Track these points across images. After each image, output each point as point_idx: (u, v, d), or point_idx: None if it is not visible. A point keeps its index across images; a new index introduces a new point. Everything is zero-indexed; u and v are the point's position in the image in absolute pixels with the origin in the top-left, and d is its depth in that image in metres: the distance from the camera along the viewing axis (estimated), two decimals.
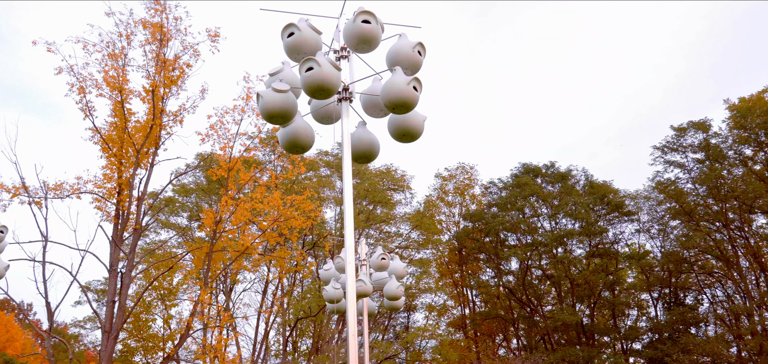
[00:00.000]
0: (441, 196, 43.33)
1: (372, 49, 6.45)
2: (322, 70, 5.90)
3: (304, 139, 6.71)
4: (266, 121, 6.34)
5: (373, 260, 12.20)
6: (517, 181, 41.49)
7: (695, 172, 38.77)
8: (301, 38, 6.26)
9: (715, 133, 37.73)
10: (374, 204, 39.18)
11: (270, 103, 6.18)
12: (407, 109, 6.18)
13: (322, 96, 6.09)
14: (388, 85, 6.17)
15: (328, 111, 6.96)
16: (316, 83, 5.92)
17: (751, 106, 35.91)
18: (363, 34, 6.24)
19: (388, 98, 6.13)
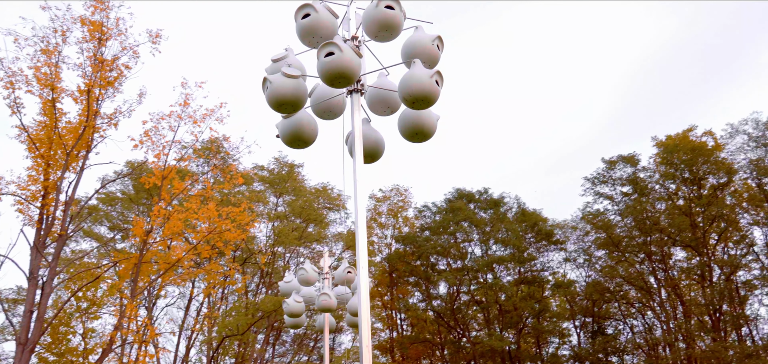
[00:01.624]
0: (374, 217, 43.03)
1: (393, 37, 6.06)
2: (344, 55, 5.46)
3: (308, 132, 6.24)
4: (274, 109, 5.84)
5: (339, 273, 11.71)
6: (451, 205, 41.66)
7: (622, 205, 39.92)
8: (317, 21, 5.81)
9: (643, 167, 39.02)
10: (307, 222, 38.49)
11: (280, 90, 5.69)
12: (428, 104, 5.81)
13: (341, 84, 5.65)
14: (409, 78, 5.78)
15: (330, 105, 6.52)
16: (336, 70, 5.47)
17: (677, 144, 37.31)
18: (386, 20, 5.85)
19: (409, 92, 5.74)
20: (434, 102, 5.81)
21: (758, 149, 37.43)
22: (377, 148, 6.46)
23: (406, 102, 5.85)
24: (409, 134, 6.30)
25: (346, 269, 11.65)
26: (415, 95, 5.72)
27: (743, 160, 37.77)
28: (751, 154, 37.75)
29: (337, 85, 5.66)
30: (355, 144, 5.96)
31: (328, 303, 11.00)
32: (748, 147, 38.03)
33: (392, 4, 5.85)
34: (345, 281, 11.68)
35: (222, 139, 27.34)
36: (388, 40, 6.10)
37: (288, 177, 37.83)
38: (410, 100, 5.78)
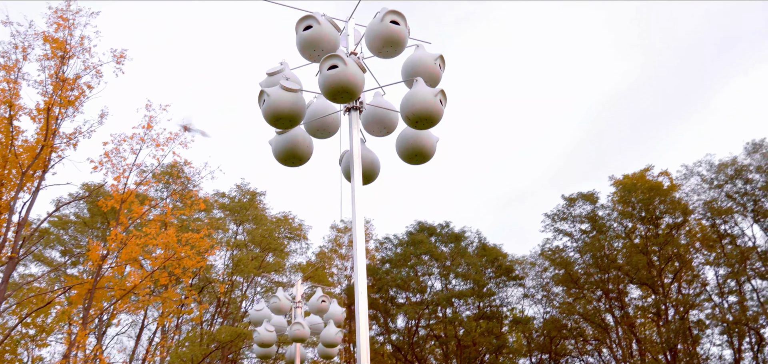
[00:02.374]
0: (334, 248, 42.62)
1: (397, 53, 5.87)
2: (348, 69, 5.25)
3: (303, 150, 6.00)
4: (270, 124, 5.57)
5: (313, 301, 11.37)
6: (412, 238, 41.55)
7: (581, 242, 40.35)
8: (320, 33, 5.59)
9: (602, 205, 39.59)
10: (267, 251, 37.86)
11: (278, 104, 5.44)
12: (431, 123, 5.62)
13: (344, 99, 5.42)
14: (412, 96, 5.59)
15: (324, 123, 6.29)
16: (340, 84, 5.25)
17: (635, 183, 37.97)
18: (391, 35, 5.66)
19: (413, 110, 5.55)
20: (438, 122, 5.63)
21: (712, 191, 38.33)
22: (373, 170, 6.24)
23: (408, 121, 5.66)
24: (408, 156, 6.10)
25: (320, 298, 11.33)
26: (419, 114, 5.53)
27: (698, 201, 38.63)
28: (704, 195, 38.64)
29: (339, 100, 5.44)
30: (353, 164, 5.73)
31: (301, 333, 10.65)
32: (701, 189, 38.95)
33: (397, 19, 5.68)
34: (319, 310, 11.35)
35: (183, 164, 26.77)
36: (392, 57, 5.91)
37: (249, 205, 37.25)
38: (413, 119, 5.59)
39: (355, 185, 5.67)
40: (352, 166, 5.75)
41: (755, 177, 36.61)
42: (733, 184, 37.01)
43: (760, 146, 37.23)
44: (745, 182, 36.75)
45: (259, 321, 11.50)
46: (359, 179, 5.70)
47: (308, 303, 11.50)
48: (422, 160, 6.10)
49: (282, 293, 11.51)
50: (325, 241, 42.71)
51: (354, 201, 5.64)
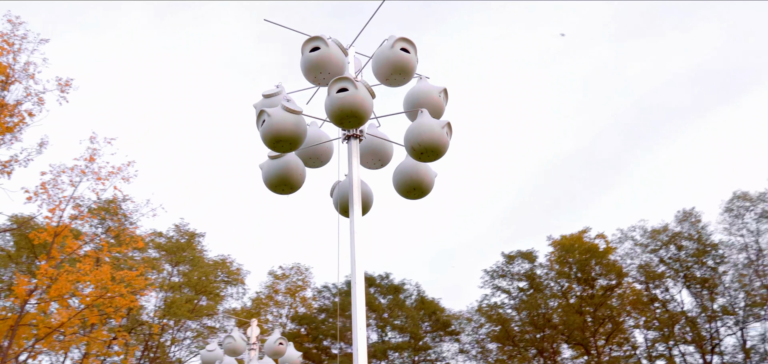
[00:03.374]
0: (271, 294, 41.70)
1: (405, 82, 5.71)
2: (358, 93, 5.04)
3: (297, 177, 5.71)
4: (269, 146, 5.28)
5: (269, 343, 10.88)
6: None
7: (518, 300, 40.71)
8: (327, 56, 5.38)
9: (540, 264, 40.14)
10: (200, 294, 36.71)
11: (280, 125, 5.16)
12: (437, 156, 5.44)
13: (351, 125, 5.20)
14: (418, 127, 5.41)
15: (317, 151, 6.04)
16: (349, 108, 5.03)
17: (572, 244, 38.70)
18: (401, 63, 5.49)
19: (419, 141, 5.35)
20: (443, 154, 5.46)
21: (645, 255, 39.43)
22: (366, 203, 5.98)
23: (413, 152, 5.46)
24: (406, 189, 5.87)
25: (277, 340, 10.86)
26: (425, 145, 5.34)
27: (631, 265, 39.63)
28: (637, 259, 39.70)
29: (346, 125, 5.21)
30: (353, 195, 5.48)
31: None
32: (634, 253, 40.02)
33: (408, 47, 5.52)
34: (275, 353, 10.87)
35: (122, 200, 25.84)
36: (400, 85, 5.73)
37: (187, 246, 36.15)
38: (418, 150, 5.39)
39: (355, 217, 5.42)
40: (351, 197, 5.51)
41: (687, 244, 37.84)
42: (667, 249, 38.14)
43: (690, 215, 38.62)
44: (677, 249, 37.93)
45: (210, 362, 10.94)
46: (359, 211, 5.46)
47: (265, 345, 11.01)
48: (420, 194, 5.89)
49: (238, 333, 11.00)
50: (262, 287, 41.78)
51: (353, 233, 5.39)
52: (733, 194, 37.55)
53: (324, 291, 42.34)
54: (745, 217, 37.65)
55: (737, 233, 38.01)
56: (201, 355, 11.28)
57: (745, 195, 37.31)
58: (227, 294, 38.30)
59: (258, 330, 11.42)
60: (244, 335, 11.27)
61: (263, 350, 10.97)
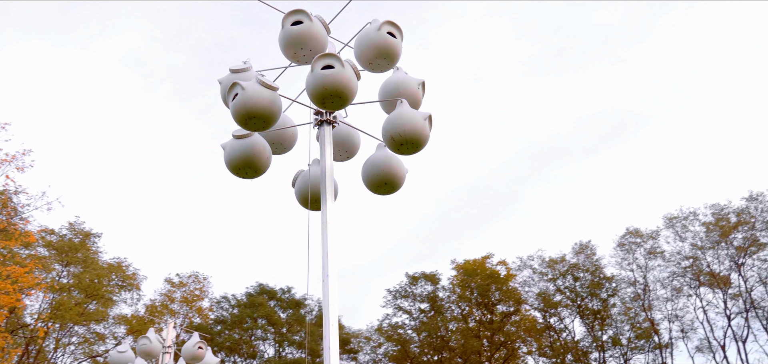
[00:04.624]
0: (165, 303, 39.96)
1: (389, 68, 5.42)
2: (345, 72, 4.72)
3: (262, 161, 5.30)
4: (240, 122, 4.86)
5: (188, 347, 10.22)
6: (251, 300, 40.03)
7: (418, 321, 40.91)
8: (309, 31, 5.03)
9: (443, 287, 40.51)
10: (91, 298, 34.68)
11: (253, 100, 4.77)
12: (417, 148, 5.18)
13: (334, 106, 4.86)
14: (398, 117, 5.13)
15: (282, 136, 5.65)
16: (334, 86, 4.69)
17: (475, 269, 39.33)
18: (386, 47, 5.20)
19: (399, 132, 5.07)
20: (424, 146, 5.20)
21: (542, 283, 40.61)
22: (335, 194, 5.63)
23: (392, 143, 5.16)
24: (375, 184, 5.56)
25: (196, 344, 10.22)
26: (406, 136, 5.07)
27: (529, 292, 40.69)
28: (535, 287, 40.82)
29: (329, 105, 4.86)
30: (325, 184, 5.13)
31: None
32: (532, 281, 41.14)
33: (395, 31, 5.24)
34: (193, 357, 10.22)
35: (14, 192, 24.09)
36: (383, 70, 5.44)
37: (80, 246, 34.06)
38: (398, 141, 5.11)
39: (328, 210, 5.06)
40: (323, 188, 5.15)
41: (583, 276, 39.25)
42: (564, 279, 39.40)
43: (586, 248, 40.13)
44: (574, 279, 39.26)
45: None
46: (332, 203, 5.11)
47: (183, 349, 10.33)
48: (390, 190, 5.60)
49: (154, 335, 10.27)
50: (157, 294, 39.98)
51: (325, 223, 5.02)
52: (626, 230, 39.33)
53: (222, 302, 41.06)
54: (636, 252, 39.49)
55: (628, 268, 39.81)
56: (110, 356, 10.47)
57: (636, 231, 39.14)
58: (120, 299, 36.36)
59: (175, 333, 10.72)
60: (160, 338, 10.55)
61: (181, 353, 10.30)
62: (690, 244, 38.81)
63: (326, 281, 4.80)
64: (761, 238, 37.92)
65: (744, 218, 37.49)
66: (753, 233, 37.67)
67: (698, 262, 39.08)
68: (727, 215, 37.78)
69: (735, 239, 38.10)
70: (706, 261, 38.80)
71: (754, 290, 38.77)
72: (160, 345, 10.30)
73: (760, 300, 39.18)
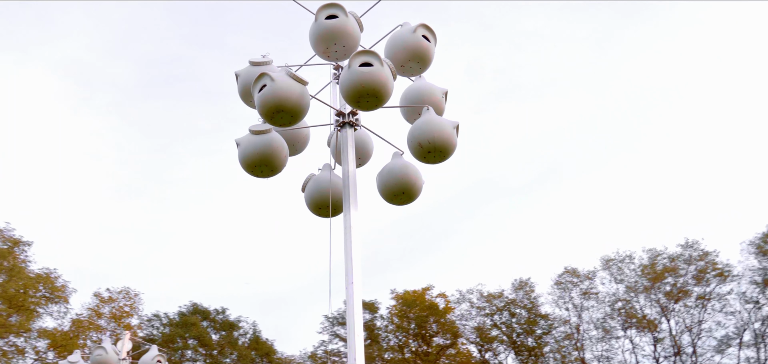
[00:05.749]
0: (92, 318, 38.26)
1: (421, 72, 5.26)
2: (384, 71, 4.51)
3: (280, 159, 5.04)
4: (265, 115, 4.59)
5: (146, 360, 9.67)
6: (183, 319, 38.80)
7: None
8: (344, 26, 4.81)
9: (381, 316, 40.27)
10: (13, 310, 32.90)
11: (284, 92, 4.51)
12: (444, 157, 5.00)
13: (369, 105, 4.64)
14: (426, 124, 4.94)
15: (297, 137, 5.39)
16: (372, 86, 4.48)
17: (414, 300, 39.28)
18: (421, 52, 5.04)
19: (427, 139, 4.88)
20: (451, 155, 5.02)
21: (479, 317, 40.86)
22: (337, 204, 5.38)
23: (419, 149, 4.96)
24: (392, 193, 5.32)
25: (155, 357, 9.67)
26: (435, 144, 4.88)
27: (466, 325, 40.86)
28: (473, 321, 41.03)
29: (364, 105, 4.64)
30: (349, 191, 4.89)
31: None
32: (470, 315, 41.35)
33: (429, 35, 5.07)
34: None
35: None
36: (414, 74, 5.27)
37: (7, 254, 32.31)
38: (426, 148, 4.91)
39: (350, 219, 4.81)
40: (346, 191, 4.92)
41: (520, 312, 39.69)
42: (501, 315, 39.75)
43: (525, 284, 40.65)
44: (510, 315, 39.65)
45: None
46: (354, 211, 4.87)
47: (140, 361, 9.77)
48: (407, 200, 5.37)
49: (110, 345, 9.68)
50: (84, 308, 38.24)
51: (349, 237, 4.75)
52: (564, 269, 40.06)
53: (154, 320, 39.63)
54: (572, 292, 40.23)
55: (563, 307, 40.50)
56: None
57: (573, 271, 39.92)
58: (47, 312, 34.60)
59: (130, 344, 10.14)
60: (116, 348, 9.95)
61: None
62: (625, 286, 39.81)
63: (350, 288, 4.55)
64: (689, 286, 39.25)
65: (677, 265, 38.72)
66: (684, 280, 38.95)
67: (630, 304, 40.10)
68: (661, 260, 38.94)
69: (666, 284, 39.31)
70: (639, 304, 39.85)
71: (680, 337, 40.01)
72: (116, 357, 9.71)
73: (686, 346, 40.45)
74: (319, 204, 5.33)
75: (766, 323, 39.95)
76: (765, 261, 38.94)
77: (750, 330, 40.02)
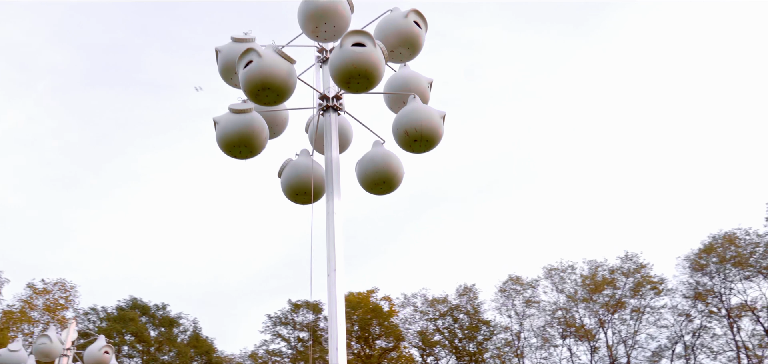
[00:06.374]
0: (24, 310, 36.85)
1: (410, 58, 5.12)
2: (376, 52, 4.38)
3: (260, 139, 4.84)
4: (250, 93, 4.41)
5: (92, 351, 9.27)
6: (122, 314, 37.71)
7: (294, 350, 40.09)
8: (335, 6, 4.67)
9: (325, 317, 39.89)
10: None
11: (272, 70, 4.35)
12: (430, 146, 4.88)
13: (359, 88, 4.50)
14: (413, 112, 4.82)
15: (275, 118, 5.21)
16: (363, 67, 4.35)
17: (359, 302, 39.15)
18: (412, 37, 4.92)
19: (414, 127, 4.76)
20: (436, 146, 4.91)
21: (423, 322, 41.01)
22: (319, 189, 5.22)
23: (405, 137, 4.82)
24: (372, 182, 5.16)
25: (102, 349, 9.28)
26: (422, 132, 4.76)
27: (409, 329, 40.94)
28: (415, 325, 41.16)
29: (353, 87, 4.48)
30: (332, 177, 4.73)
31: None
32: (413, 318, 41.47)
33: (421, 21, 4.95)
34: (98, 362, 9.27)
35: None
36: (402, 61, 5.13)
37: None
38: (412, 136, 4.79)
39: (334, 207, 4.65)
40: (329, 178, 4.76)
41: (463, 318, 39.97)
42: (444, 320, 39.94)
43: (469, 290, 40.98)
44: (453, 321, 39.89)
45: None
46: (338, 192, 4.72)
47: (86, 352, 9.35)
48: (387, 189, 5.23)
49: (55, 334, 9.24)
50: (16, 300, 36.78)
51: (332, 214, 4.61)
52: (508, 277, 40.57)
53: (90, 314, 38.40)
54: (515, 299, 40.75)
55: (506, 314, 40.99)
56: (0, 354, 9.31)
57: (517, 279, 40.46)
58: None
59: (76, 334, 9.71)
60: (61, 337, 9.51)
61: (85, 358, 9.32)
62: (565, 296, 40.53)
63: (332, 276, 4.40)
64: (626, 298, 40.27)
65: (615, 277, 39.65)
66: (622, 292, 39.90)
67: (570, 314, 40.86)
68: (601, 271, 39.80)
69: (604, 296, 40.22)
70: (579, 313, 40.63)
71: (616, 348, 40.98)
72: (61, 346, 9.27)
73: (621, 357, 41.44)
74: (297, 190, 5.14)
75: (697, 335, 41.30)
76: (697, 276, 40.28)
77: (681, 342, 41.31)
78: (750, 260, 38.65)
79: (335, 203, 4.65)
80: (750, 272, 38.97)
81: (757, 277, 39.13)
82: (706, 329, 40.74)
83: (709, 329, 40.66)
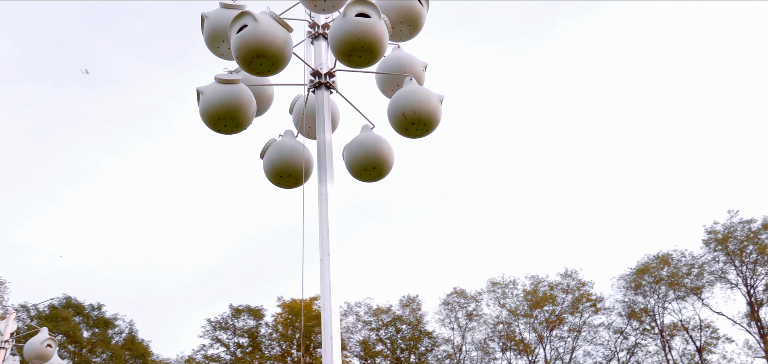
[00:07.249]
0: None
1: (410, 37, 4.88)
2: (379, 25, 4.14)
3: (247, 112, 4.54)
4: (244, 62, 4.10)
5: (33, 344, 8.68)
6: (54, 313, 36.18)
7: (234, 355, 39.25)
8: None
9: (266, 323, 39.26)
10: None
11: (268, 36, 4.07)
12: (427, 130, 4.65)
13: (361, 61, 4.22)
14: (410, 94, 4.59)
15: (261, 94, 4.90)
16: (368, 39, 4.10)
17: (298, 309, 38.56)
18: (414, 14, 4.71)
19: (414, 109, 4.53)
20: (433, 130, 4.67)
21: (365, 331, 40.72)
22: (309, 167, 4.92)
23: (403, 120, 4.57)
24: (361, 168, 4.87)
25: (44, 342, 8.70)
26: (420, 115, 4.52)
27: (352, 338, 40.59)
28: (358, 334, 40.83)
29: (355, 60, 4.21)
30: (324, 159, 4.44)
31: None
32: (356, 327, 41.13)
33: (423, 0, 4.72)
34: (40, 356, 8.69)
35: None
36: (401, 39, 4.87)
37: None
38: (410, 119, 4.54)
39: (327, 193, 4.36)
40: (322, 160, 4.47)
41: (405, 329, 39.86)
42: (387, 330, 39.74)
43: (412, 301, 40.90)
44: (396, 331, 39.73)
45: None
46: (330, 173, 4.44)
47: (26, 345, 8.75)
48: (377, 176, 4.96)
49: None
50: None
51: (325, 196, 4.32)
52: (453, 289, 40.64)
53: (21, 311, 36.69)
54: (458, 312, 40.85)
55: (448, 326, 41.05)
56: None
57: (461, 292, 40.57)
58: None
59: (15, 325, 9.09)
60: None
61: (25, 351, 8.73)
62: (507, 310, 40.86)
63: (326, 260, 4.11)
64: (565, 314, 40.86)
65: (555, 293, 40.19)
66: (561, 308, 40.47)
67: (511, 327, 41.20)
68: (542, 287, 40.29)
69: (544, 311, 40.71)
70: (519, 328, 41.00)
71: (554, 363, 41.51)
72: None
73: None
74: (281, 172, 4.83)
75: (632, 353, 42.21)
76: (631, 295, 41.22)
77: (616, 359, 42.14)
78: (684, 281, 39.74)
79: (328, 186, 4.36)
80: (683, 292, 40.10)
81: (691, 297, 40.29)
82: (641, 347, 41.69)
83: (644, 347, 41.63)
